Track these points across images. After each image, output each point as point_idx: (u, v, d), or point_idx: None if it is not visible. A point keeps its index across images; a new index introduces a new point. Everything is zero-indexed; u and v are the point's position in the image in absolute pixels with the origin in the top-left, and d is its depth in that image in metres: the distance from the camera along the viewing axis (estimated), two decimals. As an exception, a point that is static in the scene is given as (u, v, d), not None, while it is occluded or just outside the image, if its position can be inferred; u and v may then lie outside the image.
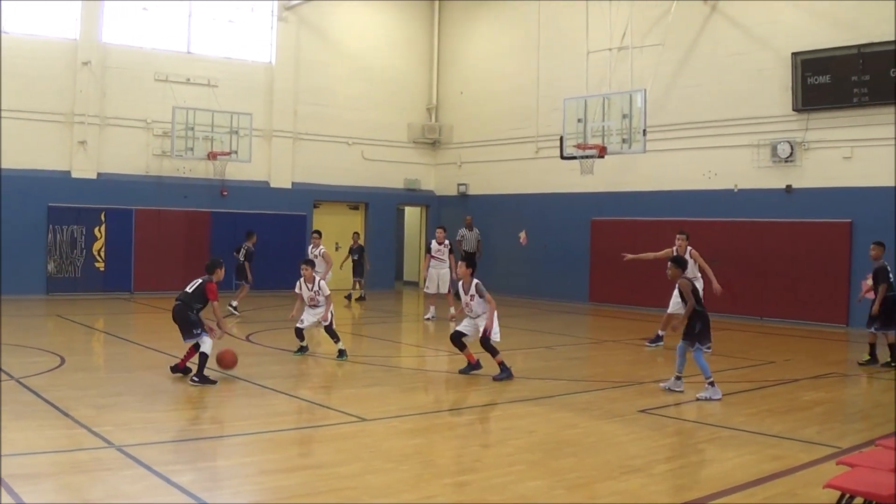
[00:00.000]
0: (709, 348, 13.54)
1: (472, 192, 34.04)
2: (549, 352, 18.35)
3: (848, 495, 6.50)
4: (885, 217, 22.09)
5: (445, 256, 23.95)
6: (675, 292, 17.04)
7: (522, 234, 30.36)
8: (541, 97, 30.99)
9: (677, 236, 19.02)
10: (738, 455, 9.82)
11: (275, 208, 31.05)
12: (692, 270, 17.50)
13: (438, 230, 24.59)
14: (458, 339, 15.08)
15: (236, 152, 29.13)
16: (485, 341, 14.68)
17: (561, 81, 29.38)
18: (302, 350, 16.76)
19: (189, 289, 14.51)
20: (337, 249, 32.69)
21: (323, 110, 32.61)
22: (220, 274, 15.01)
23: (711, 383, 13.35)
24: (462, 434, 11.11)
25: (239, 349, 17.39)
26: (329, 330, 16.63)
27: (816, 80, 23.76)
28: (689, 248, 18.69)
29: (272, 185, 31.58)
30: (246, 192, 30.62)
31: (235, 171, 30.05)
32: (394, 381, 14.56)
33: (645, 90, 23.03)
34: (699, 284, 17.04)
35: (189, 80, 29.49)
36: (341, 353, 16.47)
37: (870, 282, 17.33)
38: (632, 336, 21.03)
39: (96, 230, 27.66)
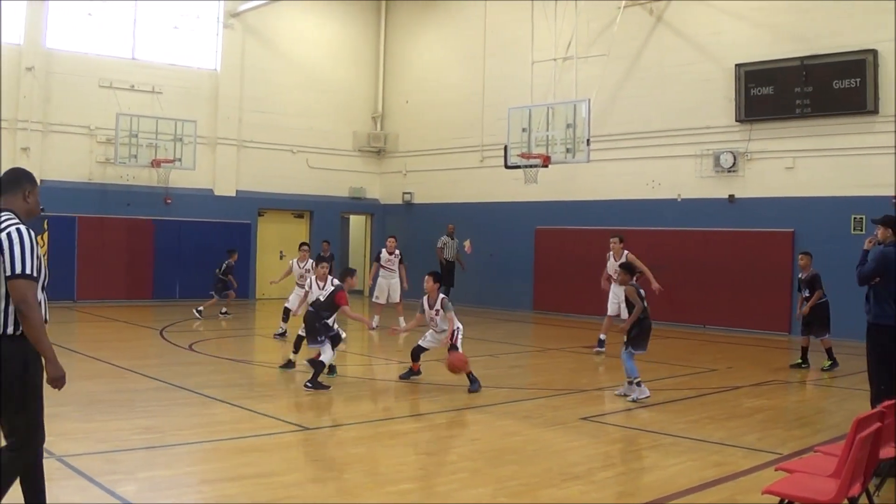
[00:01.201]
0: (640, 351, 13.94)
1: (417, 200, 34.02)
2: (492, 360, 18.32)
3: (787, 501, 6.52)
4: (827, 226, 22.41)
5: (395, 266, 23.76)
6: (611, 295, 17.39)
7: (467, 243, 30.33)
8: (486, 106, 31.06)
9: (611, 240, 19.16)
10: (680, 462, 9.85)
11: (219, 216, 30.84)
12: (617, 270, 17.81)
13: (390, 239, 24.35)
14: (417, 354, 15.11)
15: (180, 160, 28.91)
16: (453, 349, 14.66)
17: (506, 91, 29.45)
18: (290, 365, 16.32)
19: (322, 297, 14.96)
20: (281, 258, 32.59)
21: (268, 118, 32.41)
22: (352, 282, 15.46)
23: (638, 384, 13.68)
24: (405, 442, 11.05)
25: (180, 359, 17.37)
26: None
27: (760, 91, 24.00)
28: (625, 251, 18.82)
29: (216, 193, 31.35)
30: (190, 199, 30.37)
31: (179, 179, 29.83)
32: (337, 389, 14.45)
33: (589, 100, 23.13)
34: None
35: (133, 86, 29.21)
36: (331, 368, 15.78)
37: (806, 293, 17.94)
38: (574, 344, 21.09)
39: (39, 238, 27.20)
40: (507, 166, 24.95)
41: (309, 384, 13.95)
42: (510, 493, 8.56)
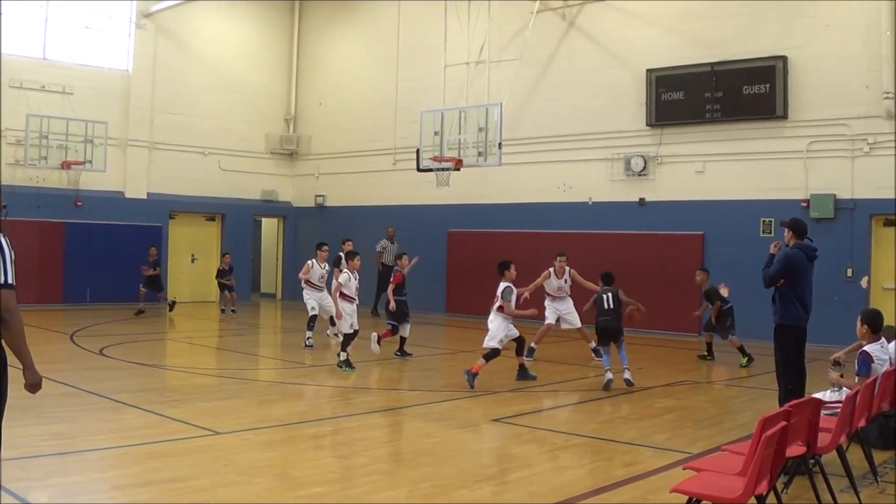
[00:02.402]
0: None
1: (329, 203, 33.88)
2: (404, 362, 18.31)
3: (695, 499, 6.58)
4: (736, 229, 22.77)
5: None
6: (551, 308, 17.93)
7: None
8: (399, 109, 31.00)
9: (557, 258, 19.09)
10: (591, 462, 9.93)
11: (130, 219, 30.34)
12: (560, 287, 18.85)
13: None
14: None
15: (91, 162, 28.42)
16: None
17: (419, 94, 29.42)
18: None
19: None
20: (193, 261, 32.34)
21: (180, 119, 32.00)
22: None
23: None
24: (317, 446, 10.99)
25: (90, 363, 17.11)
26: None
27: (670, 96, 24.28)
28: (567, 268, 18.90)
29: (127, 196, 30.84)
30: (100, 202, 29.86)
31: (90, 181, 29.33)
32: (249, 393, 14.37)
33: (501, 104, 23.14)
34: (565, 304, 18.83)
35: (44, 87, 28.62)
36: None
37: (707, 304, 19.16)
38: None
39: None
40: (419, 169, 24.90)
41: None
42: (423, 494, 8.54)
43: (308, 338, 19.97)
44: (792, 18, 22.49)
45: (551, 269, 18.86)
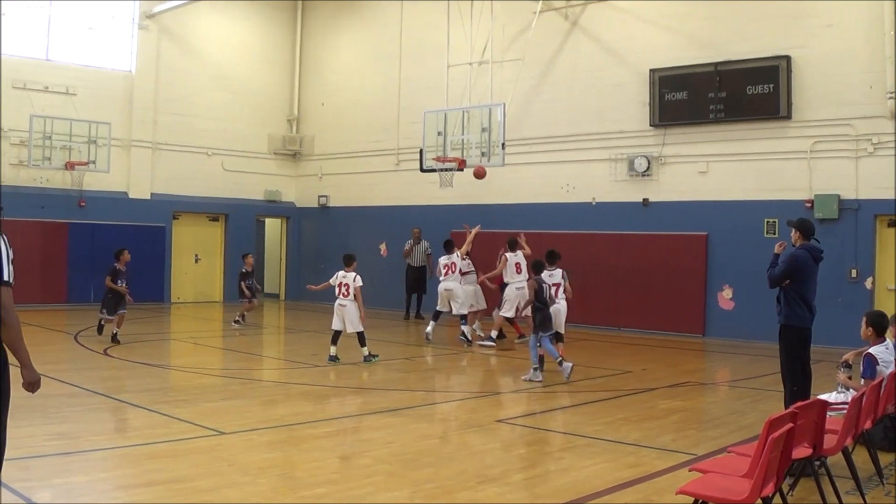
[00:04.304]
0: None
1: (332, 203, 33.86)
2: (408, 362, 18.32)
3: (701, 501, 6.55)
4: (740, 230, 22.70)
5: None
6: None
7: (383, 246, 30.31)
8: (402, 110, 30.98)
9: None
10: (595, 463, 9.88)
11: (133, 219, 30.28)
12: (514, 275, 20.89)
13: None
14: None
15: (94, 162, 28.43)
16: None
17: (421, 94, 29.37)
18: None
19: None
20: (197, 261, 32.34)
21: (183, 120, 31.98)
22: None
23: (535, 369, 15.79)
24: (320, 446, 10.95)
25: (94, 363, 17.10)
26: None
27: (674, 96, 24.22)
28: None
29: (131, 196, 30.82)
30: (104, 202, 29.83)
31: (94, 182, 29.31)
32: (252, 393, 14.36)
33: (504, 104, 23.11)
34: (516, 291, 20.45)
35: (47, 87, 28.56)
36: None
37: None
38: (488, 346, 21.10)
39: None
40: (422, 170, 24.89)
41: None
42: (426, 495, 8.52)
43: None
44: (795, 18, 22.43)
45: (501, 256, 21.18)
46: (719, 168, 23.66)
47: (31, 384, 6.48)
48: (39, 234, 28.03)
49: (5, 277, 6.19)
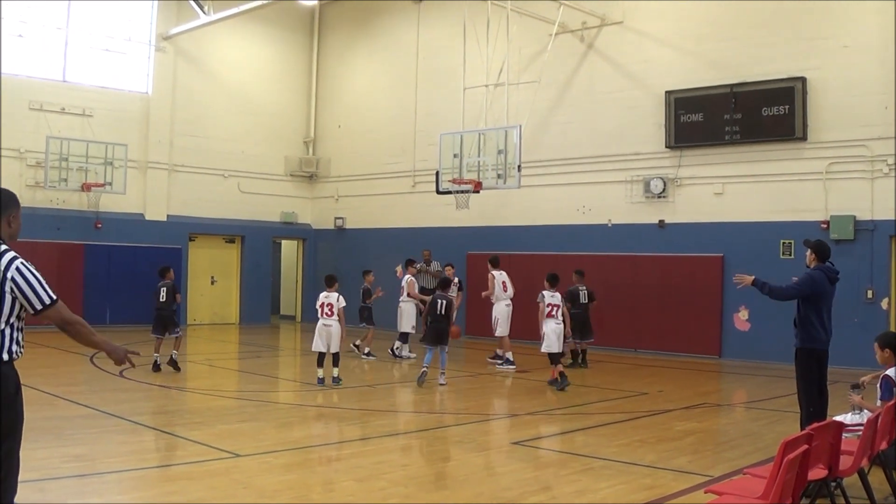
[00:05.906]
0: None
1: (349, 225, 33.93)
2: (423, 386, 18.30)
3: (717, 522, 6.55)
4: (756, 251, 22.65)
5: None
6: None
7: (399, 269, 30.33)
8: (418, 132, 31.09)
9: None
10: (611, 485, 9.86)
11: (150, 241, 30.38)
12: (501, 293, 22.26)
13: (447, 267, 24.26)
14: None
15: (111, 184, 28.55)
16: None
17: (437, 116, 29.49)
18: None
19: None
20: (213, 283, 32.41)
21: (199, 142, 32.12)
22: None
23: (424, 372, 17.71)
24: (336, 469, 10.97)
25: (110, 385, 17.12)
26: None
27: (689, 118, 24.26)
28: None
29: (147, 218, 30.94)
30: (120, 224, 29.97)
31: (110, 203, 29.47)
32: (268, 416, 14.37)
33: (520, 126, 23.14)
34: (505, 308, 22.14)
35: (64, 109, 28.72)
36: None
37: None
38: (510, 369, 21.09)
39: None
40: (438, 192, 24.94)
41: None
42: (442, 517, 8.53)
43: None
44: (810, 39, 22.47)
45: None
46: (735, 189, 23.66)
47: (119, 360, 6.63)
48: (56, 256, 28.04)
49: (52, 297, 6.29)
